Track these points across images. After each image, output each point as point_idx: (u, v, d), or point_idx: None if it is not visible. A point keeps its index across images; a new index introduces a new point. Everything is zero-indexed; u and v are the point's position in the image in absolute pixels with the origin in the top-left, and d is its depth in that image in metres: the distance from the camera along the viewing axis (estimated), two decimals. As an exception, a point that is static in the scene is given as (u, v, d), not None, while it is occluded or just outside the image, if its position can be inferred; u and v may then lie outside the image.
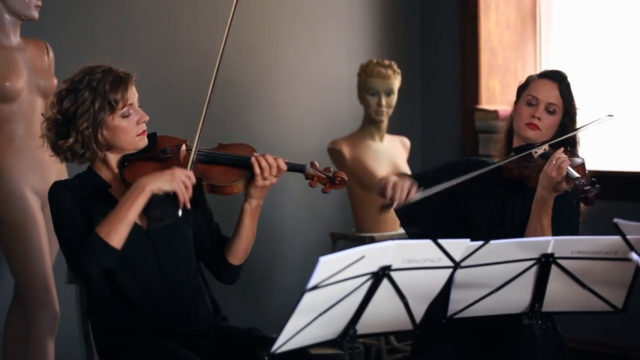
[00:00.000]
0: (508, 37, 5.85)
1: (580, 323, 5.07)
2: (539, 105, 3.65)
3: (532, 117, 3.64)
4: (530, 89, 3.70)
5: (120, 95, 3.19)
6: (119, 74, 3.23)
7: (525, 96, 3.69)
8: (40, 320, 4.16)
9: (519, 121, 3.68)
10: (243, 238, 3.35)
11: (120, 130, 3.21)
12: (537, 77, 3.75)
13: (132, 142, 3.24)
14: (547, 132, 3.66)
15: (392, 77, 5.28)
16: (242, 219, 3.34)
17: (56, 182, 3.24)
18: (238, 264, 3.40)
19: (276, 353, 2.74)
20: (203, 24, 5.26)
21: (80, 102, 3.18)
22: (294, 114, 5.61)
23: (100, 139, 3.20)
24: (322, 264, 2.61)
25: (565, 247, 3.04)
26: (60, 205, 3.19)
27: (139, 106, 3.27)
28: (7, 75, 4.05)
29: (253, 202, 3.33)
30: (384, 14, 5.95)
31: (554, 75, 3.72)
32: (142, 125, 3.25)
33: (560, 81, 3.70)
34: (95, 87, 3.18)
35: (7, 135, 4.09)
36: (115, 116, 3.20)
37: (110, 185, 3.26)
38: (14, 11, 4.09)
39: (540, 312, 3.15)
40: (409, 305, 2.90)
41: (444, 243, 2.84)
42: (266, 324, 4.56)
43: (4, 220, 4.11)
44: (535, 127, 3.64)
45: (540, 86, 3.68)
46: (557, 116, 3.66)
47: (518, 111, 3.69)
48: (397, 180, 3.55)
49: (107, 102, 3.18)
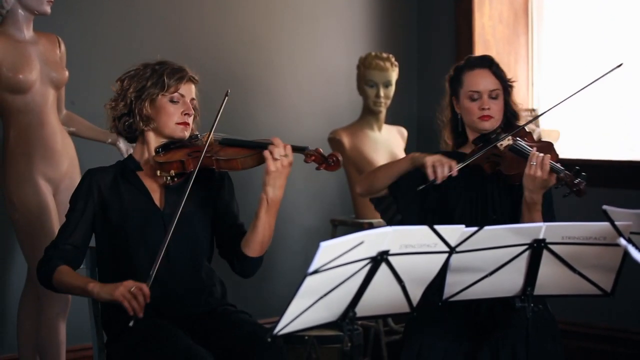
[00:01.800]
0: (501, 31, 5.83)
1: (570, 306, 5.07)
2: (482, 96, 3.66)
3: (481, 110, 3.65)
4: (467, 85, 3.68)
5: (175, 82, 3.36)
6: (180, 67, 3.40)
7: (466, 93, 3.68)
8: (52, 303, 4.20)
9: (469, 117, 3.68)
10: (258, 230, 3.34)
11: (164, 112, 3.37)
12: (466, 69, 3.72)
13: (171, 127, 3.38)
14: (498, 116, 3.69)
15: (390, 69, 5.31)
16: (258, 212, 3.33)
17: (89, 170, 3.40)
18: (253, 256, 3.39)
19: (278, 335, 2.75)
20: (208, 16, 5.29)
21: (138, 77, 3.37)
22: (295, 104, 5.64)
23: (144, 112, 3.36)
24: (323, 249, 2.63)
25: (556, 232, 3.06)
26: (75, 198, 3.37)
27: (193, 107, 3.40)
28: (21, 68, 4.08)
29: (268, 190, 3.30)
30: (382, 9, 5.94)
31: (483, 62, 3.73)
32: (186, 117, 3.37)
33: (490, 65, 3.71)
34: (156, 69, 3.37)
35: (21, 125, 4.13)
36: (164, 98, 3.36)
37: (142, 169, 3.40)
38: (27, 6, 4.11)
39: (532, 295, 3.15)
40: (406, 288, 2.93)
41: (440, 229, 2.85)
42: (268, 307, 4.60)
43: (18, 206, 4.14)
44: (488, 118, 3.66)
45: (475, 79, 3.68)
46: (501, 98, 3.69)
47: (464, 108, 3.69)
48: (435, 159, 3.54)
49: (160, 82, 3.35)
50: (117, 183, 3.38)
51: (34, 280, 4.20)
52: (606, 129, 5.59)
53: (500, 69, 3.74)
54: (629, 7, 5.54)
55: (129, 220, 3.34)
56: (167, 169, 3.33)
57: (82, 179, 3.41)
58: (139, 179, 3.40)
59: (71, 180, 4.23)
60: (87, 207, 3.35)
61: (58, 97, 4.26)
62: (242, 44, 5.35)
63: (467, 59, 3.80)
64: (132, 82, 3.39)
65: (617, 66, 3.69)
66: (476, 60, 3.77)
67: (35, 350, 4.30)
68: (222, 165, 3.34)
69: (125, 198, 3.36)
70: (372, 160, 5.30)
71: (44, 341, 4.24)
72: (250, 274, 3.45)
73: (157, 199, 3.39)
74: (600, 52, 5.63)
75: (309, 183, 5.42)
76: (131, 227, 3.34)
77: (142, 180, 3.40)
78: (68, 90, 4.38)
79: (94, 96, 4.88)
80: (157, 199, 3.39)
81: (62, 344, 4.26)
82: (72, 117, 4.41)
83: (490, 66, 3.71)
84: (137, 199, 3.38)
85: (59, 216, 4.17)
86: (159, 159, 3.35)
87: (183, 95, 3.38)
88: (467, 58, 3.81)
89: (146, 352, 3.20)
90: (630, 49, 5.50)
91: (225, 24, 5.38)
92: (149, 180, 3.41)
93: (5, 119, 4.17)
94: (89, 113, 4.52)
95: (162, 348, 3.17)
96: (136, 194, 3.38)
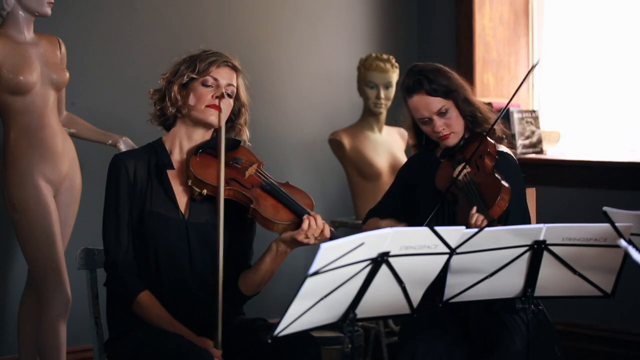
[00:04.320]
0: (502, 32, 5.84)
1: (570, 307, 5.06)
2: (432, 119, 3.54)
3: (436, 133, 3.56)
4: (413, 111, 3.56)
5: (208, 65, 3.30)
6: (218, 52, 3.35)
7: (417, 118, 3.57)
8: (53, 304, 4.18)
9: (433, 136, 3.60)
10: (259, 273, 3.31)
11: (195, 94, 3.30)
12: (406, 95, 3.57)
13: (200, 109, 3.30)
14: (457, 128, 3.58)
15: (390, 70, 5.29)
16: (264, 256, 3.29)
17: (116, 155, 3.34)
18: (246, 295, 3.37)
19: (279, 336, 2.76)
20: (208, 17, 5.30)
21: (176, 64, 3.35)
22: (296, 106, 5.65)
23: (173, 95, 3.30)
24: (323, 250, 2.63)
25: (557, 234, 3.06)
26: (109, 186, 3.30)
27: (229, 94, 3.34)
28: (21, 70, 4.07)
29: (281, 246, 3.26)
30: (383, 10, 5.95)
31: (415, 87, 3.54)
32: (217, 101, 3.29)
33: (424, 85, 3.53)
34: (193, 55, 3.35)
35: (21, 126, 4.12)
36: (197, 81, 3.30)
37: (173, 168, 3.32)
38: (27, 8, 4.10)
39: (533, 296, 3.15)
40: (406, 290, 2.93)
41: (440, 230, 2.86)
42: (269, 308, 4.60)
43: (18, 207, 4.13)
44: (446, 137, 3.57)
45: (416, 106, 3.54)
46: (452, 108, 3.55)
47: (424, 130, 3.59)
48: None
49: (194, 65, 3.30)
50: (150, 176, 3.30)
51: (35, 282, 4.23)
52: (606, 130, 5.60)
53: (438, 82, 3.54)
54: (629, 8, 5.54)
55: (150, 223, 3.27)
56: (201, 188, 3.25)
57: (111, 166, 3.31)
58: (168, 180, 3.31)
59: (72, 182, 4.23)
60: (126, 194, 3.28)
61: (58, 98, 4.26)
62: (242, 45, 5.36)
63: (401, 83, 3.62)
64: (170, 68, 3.36)
65: (533, 66, 3.64)
66: (409, 85, 3.57)
67: (36, 352, 4.29)
68: (258, 219, 3.24)
69: (152, 198, 3.28)
70: (373, 162, 5.31)
71: (44, 342, 4.22)
72: (236, 309, 3.40)
73: (183, 206, 3.31)
74: (600, 53, 5.65)
75: (310, 184, 5.43)
76: (150, 230, 3.27)
77: (170, 181, 3.31)
78: (68, 91, 4.39)
79: (94, 97, 4.91)
80: (183, 206, 3.31)
81: (62, 345, 4.25)
82: (73, 118, 4.41)
83: (424, 87, 3.54)
84: (163, 202, 3.29)
85: (60, 217, 4.19)
86: (196, 171, 3.24)
87: (216, 79, 3.31)
88: (402, 82, 3.63)
89: (149, 351, 3.18)
90: (631, 49, 5.52)
91: (225, 25, 5.39)
92: (177, 182, 3.32)
93: (5, 120, 4.17)
94: (89, 114, 4.53)
95: (165, 347, 3.15)
96: (163, 197, 3.30)
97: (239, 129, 3.45)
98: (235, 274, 3.36)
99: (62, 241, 4.19)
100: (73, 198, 4.27)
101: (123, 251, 3.27)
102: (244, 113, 3.43)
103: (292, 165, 5.57)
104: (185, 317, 3.27)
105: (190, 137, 3.36)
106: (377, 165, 5.33)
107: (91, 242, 3.61)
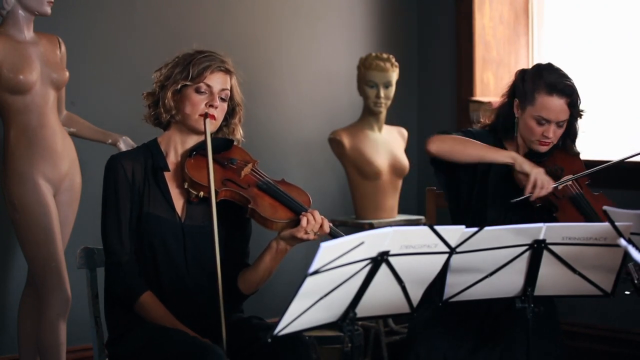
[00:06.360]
0: (502, 31, 5.84)
1: (571, 307, 5.08)
2: (550, 125, 3.58)
3: (543, 137, 3.59)
4: (538, 107, 3.56)
5: (202, 70, 3.26)
6: (211, 56, 3.30)
7: (534, 114, 3.58)
8: (53, 304, 4.19)
9: (527, 135, 3.61)
10: (258, 272, 3.30)
11: (188, 101, 3.26)
12: (544, 91, 3.58)
13: (193, 118, 3.27)
14: (556, 141, 3.63)
15: (390, 70, 5.31)
16: (264, 255, 3.28)
17: (112, 156, 3.31)
18: (245, 294, 3.36)
19: (278, 335, 2.75)
20: (208, 17, 5.31)
21: (169, 66, 3.31)
22: (295, 105, 5.66)
23: (167, 102, 3.27)
24: (323, 250, 2.63)
25: (557, 233, 3.06)
26: (107, 187, 3.28)
27: (223, 99, 3.30)
28: (21, 69, 4.08)
29: (281, 244, 3.25)
30: (383, 9, 5.96)
31: (563, 91, 3.57)
32: (210, 110, 3.26)
33: (571, 95, 3.59)
34: (187, 58, 3.29)
35: (21, 126, 4.13)
36: (190, 87, 3.26)
37: (169, 170, 3.31)
38: (27, 7, 4.11)
39: (533, 295, 3.16)
40: (406, 289, 2.93)
41: (440, 229, 2.85)
42: (268, 307, 4.60)
43: (18, 207, 4.14)
44: (547, 144, 3.61)
45: (549, 106, 3.56)
46: (565, 124, 3.62)
47: (526, 125, 3.59)
48: (538, 177, 3.50)
49: (187, 71, 3.25)
50: (147, 177, 3.29)
51: (34, 282, 4.24)
52: (606, 129, 5.59)
53: (577, 99, 3.61)
54: (629, 8, 5.54)
55: (147, 225, 3.27)
56: (197, 190, 3.24)
57: (108, 167, 3.29)
58: (165, 182, 3.30)
59: (72, 181, 4.24)
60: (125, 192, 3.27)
61: (58, 97, 4.27)
62: (242, 45, 5.37)
63: (548, 81, 3.59)
64: (163, 71, 3.32)
65: None
66: (559, 86, 3.58)
67: (36, 351, 4.30)
68: (256, 218, 3.23)
69: (149, 199, 3.28)
70: (373, 161, 5.32)
71: (44, 342, 4.23)
72: (234, 309, 3.38)
73: (179, 208, 3.31)
74: (600, 53, 5.65)
75: (310, 183, 5.42)
76: (148, 231, 3.27)
77: (167, 183, 3.31)
78: (68, 90, 4.39)
79: (94, 97, 4.92)
80: (179, 208, 3.31)
81: (62, 345, 4.26)
82: (73, 117, 4.42)
83: (570, 95, 3.58)
84: (159, 204, 3.29)
85: (59, 216, 4.20)
86: (191, 174, 3.23)
87: (210, 85, 3.28)
88: (549, 79, 3.60)
89: (150, 351, 3.18)
90: (631, 49, 5.52)
91: (225, 25, 5.40)
92: (174, 184, 3.31)
93: (5, 119, 4.18)
94: (89, 113, 4.54)
95: (167, 346, 3.15)
96: (160, 199, 3.29)
97: (232, 128, 3.43)
98: (234, 274, 3.35)
99: (62, 240, 4.21)
100: (73, 197, 4.28)
101: (126, 252, 3.27)
102: (238, 112, 3.41)
103: (292, 164, 5.58)
104: (185, 317, 3.27)
105: (185, 141, 3.35)
106: (377, 165, 5.33)
107: (91, 241, 3.60)
